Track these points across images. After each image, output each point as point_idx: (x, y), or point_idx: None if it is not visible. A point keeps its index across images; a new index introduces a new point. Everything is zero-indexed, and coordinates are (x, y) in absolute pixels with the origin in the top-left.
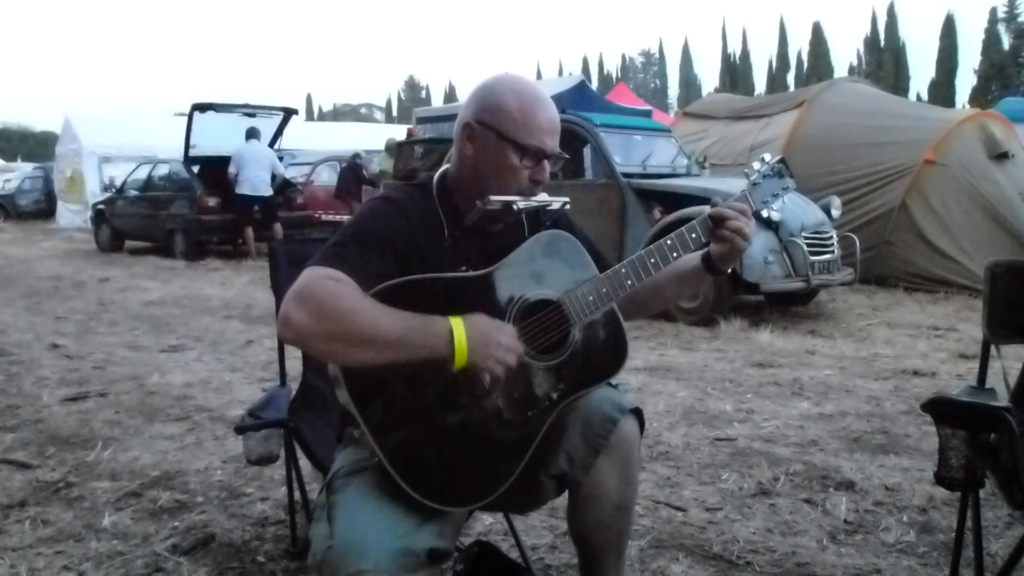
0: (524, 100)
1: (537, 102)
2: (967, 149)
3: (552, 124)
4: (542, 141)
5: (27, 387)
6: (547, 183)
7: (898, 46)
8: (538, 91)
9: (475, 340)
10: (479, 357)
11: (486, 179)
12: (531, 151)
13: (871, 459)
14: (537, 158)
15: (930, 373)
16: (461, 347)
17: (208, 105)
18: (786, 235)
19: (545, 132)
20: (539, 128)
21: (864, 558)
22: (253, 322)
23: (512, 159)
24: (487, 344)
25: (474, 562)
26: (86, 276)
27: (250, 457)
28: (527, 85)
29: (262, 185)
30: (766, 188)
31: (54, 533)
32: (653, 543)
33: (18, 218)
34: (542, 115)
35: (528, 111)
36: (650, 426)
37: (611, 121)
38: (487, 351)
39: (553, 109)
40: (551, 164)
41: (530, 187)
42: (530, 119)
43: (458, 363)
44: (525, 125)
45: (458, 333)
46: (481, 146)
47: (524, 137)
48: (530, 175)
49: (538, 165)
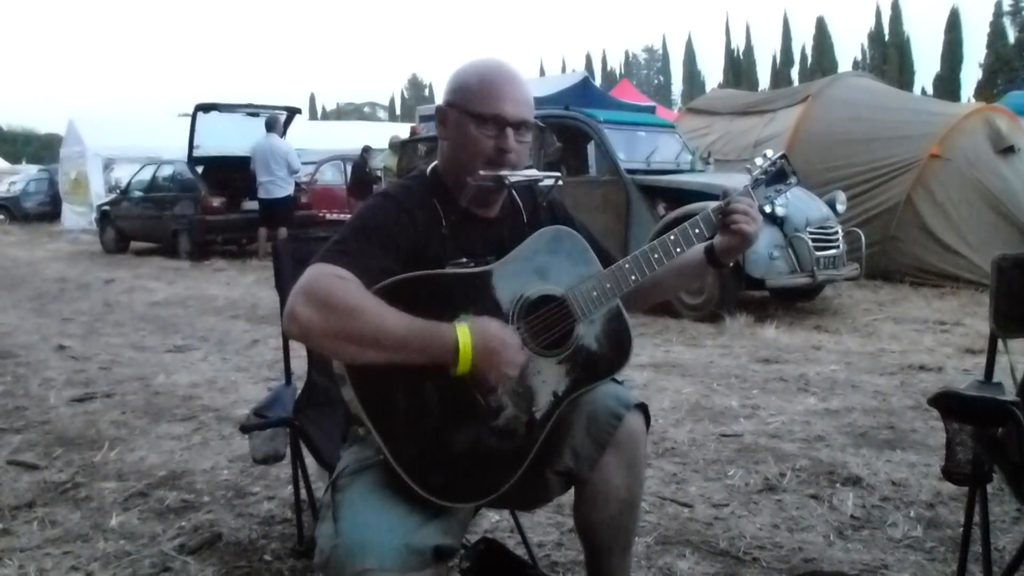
0: (483, 74)
1: (498, 74)
2: (972, 143)
3: (512, 93)
4: (500, 108)
5: (34, 388)
6: (515, 151)
7: (903, 40)
8: (502, 67)
9: (480, 350)
10: (482, 368)
11: (458, 157)
12: (488, 118)
13: (878, 454)
14: (498, 125)
15: (937, 368)
16: (466, 356)
17: (212, 105)
18: (791, 230)
19: (503, 100)
20: (496, 96)
21: (871, 554)
22: (258, 322)
23: (473, 130)
24: (491, 355)
25: (480, 559)
26: (91, 277)
27: (256, 456)
28: (490, 62)
29: (275, 188)
30: (769, 184)
31: (62, 533)
32: (659, 539)
33: (23, 220)
34: (500, 84)
35: (487, 82)
36: (656, 422)
37: (615, 118)
38: (490, 362)
39: (515, 81)
40: (520, 135)
41: (497, 156)
42: (487, 88)
43: (460, 370)
44: (481, 95)
45: (464, 342)
46: (452, 126)
47: (480, 106)
48: (495, 144)
49: (501, 133)
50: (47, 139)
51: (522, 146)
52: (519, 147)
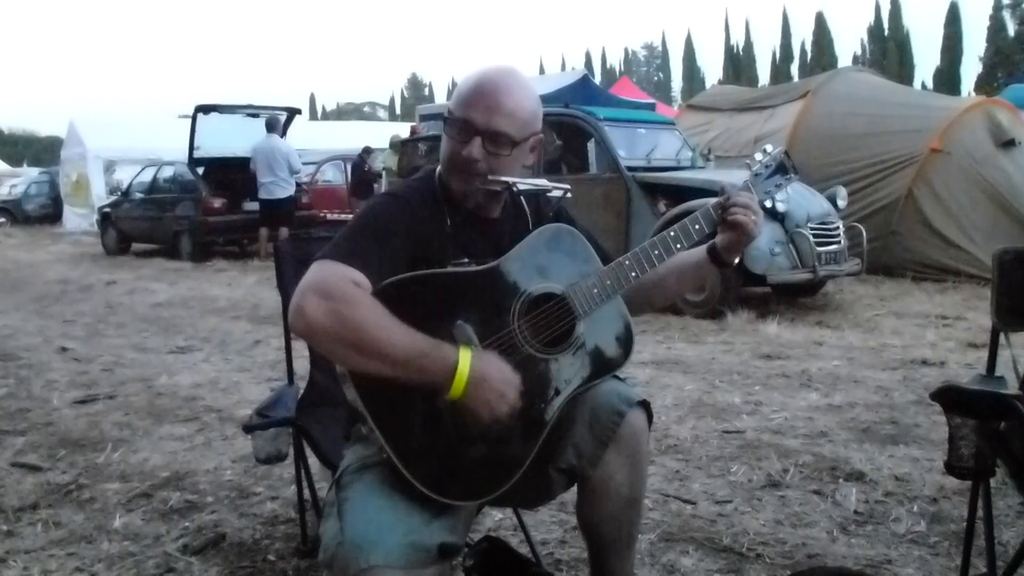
0: (475, 78)
1: (487, 81)
2: (973, 137)
3: (487, 101)
4: (466, 113)
5: (37, 390)
6: (481, 161)
7: (902, 35)
8: (497, 75)
9: (475, 382)
10: (472, 398)
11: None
12: (454, 121)
13: (881, 449)
14: (462, 130)
15: (939, 362)
16: (460, 383)
17: (212, 107)
18: (792, 226)
19: (474, 106)
20: (469, 101)
21: (875, 549)
22: (260, 322)
23: (445, 131)
24: (484, 389)
25: (484, 557)
26: (93, 279)
27: (259, 456)
28: (492, 69)
29: (276, 189)
30: (769, 179)
31: (66, 535)
32: (663, 536)
33: (25, 223)
34: (480, 90)
35: (470, 86)
36: (658, 419)
37: (615, 115)
38: (481, 395)
39: (501, 91)
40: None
41: (460, 163)
42: (466, 91)
43: (452, 395)
44: (460, 97)
45: (462, 369)
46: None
47: (454, 108)
48: (461, 150)
49: (468, 140)
50: (48, 141)
51: (497, 160)
52: (492, 160)
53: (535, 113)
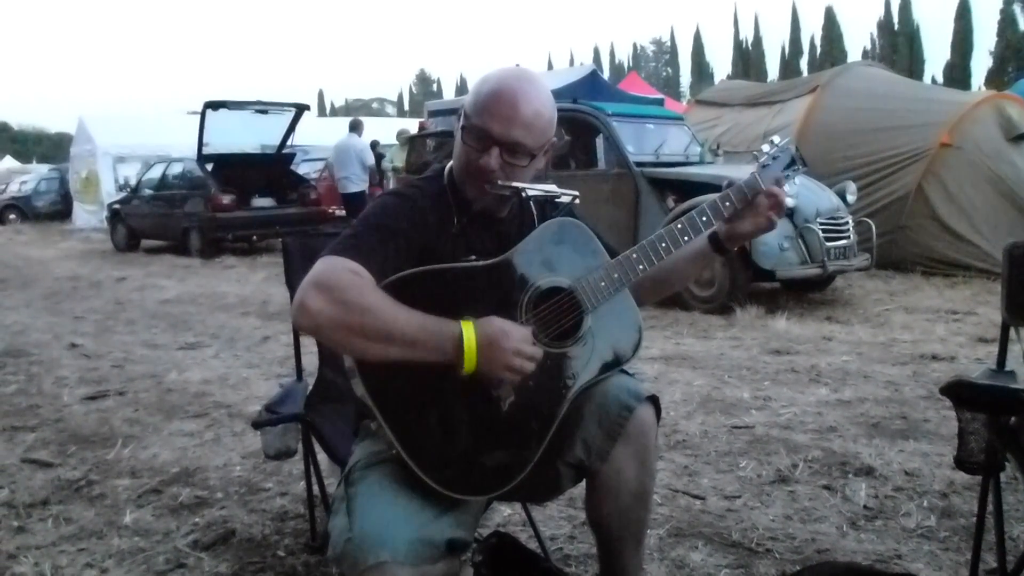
0: (494, 84)
1: (506, 88)
2: (983, 131)
3: (507, 112)
4: (485, 122)
5: (47, 387)
6: (498, 171)
7: (912, 29)
8: (517, 83)
9: (485, 346)
10: (490, 364)
11: (455, 161)
12: (471, 129)
13: (890, 444)
14: (480, 140)
15: (949, 357)
16: (471, 352)
17: (221, 103)
18: (801, 221)
19: (494, 116)
20: (489, 110)
21: (885, 544)
22: (269, 318)
23: (463, 138)
24: (498, 350)
25: (493, 553)
26: (103, 276)
27: (268, 452)
28: (510, 75)
29: (349, 184)
30: (775, 170)
31: (76, 531)
32: (672, 531)
33: (35, 220)
34: (499, 100)
35: (487, 93)
36: (667, 415)
37: (623, 110)
38: (497, 357)
39: (519, 100)
40: (512, 157)
41: (477, 172)
42: (483, 99)
43: (467, 368)
44: (479, 104)
45: (468, 337)
46: (459, 129)
47: (473, 116)
48: (477, 159)
49: (486, 149)
50: (57, 138)
51: (513, 169)
52: (508, 169)
53: (552, 120)
